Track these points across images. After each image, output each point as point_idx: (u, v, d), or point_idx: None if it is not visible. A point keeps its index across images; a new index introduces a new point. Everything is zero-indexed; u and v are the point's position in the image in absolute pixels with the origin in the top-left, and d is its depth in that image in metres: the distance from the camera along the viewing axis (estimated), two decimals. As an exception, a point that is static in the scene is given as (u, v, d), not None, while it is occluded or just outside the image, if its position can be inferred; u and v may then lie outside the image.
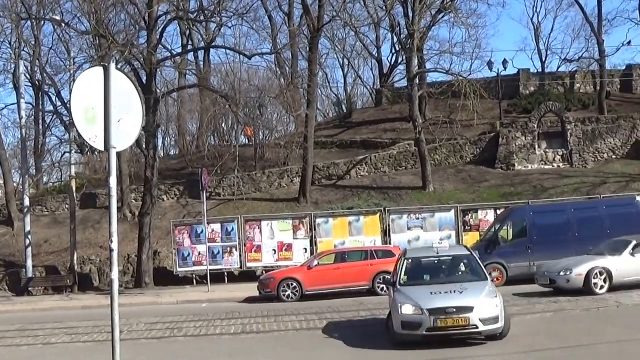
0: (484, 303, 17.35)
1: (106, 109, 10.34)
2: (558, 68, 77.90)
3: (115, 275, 10.37)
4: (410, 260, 20.38)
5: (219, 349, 20.23)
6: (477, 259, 20.35)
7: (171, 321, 26.17)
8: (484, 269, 19.88)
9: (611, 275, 26.37)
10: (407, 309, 17.69)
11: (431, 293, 18.05)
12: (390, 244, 40.56)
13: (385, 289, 29.68)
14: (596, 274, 26.25)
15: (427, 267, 20.41)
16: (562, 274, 26.73)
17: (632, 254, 27.19)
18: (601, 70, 66.34)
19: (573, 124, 55.77)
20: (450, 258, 20.58)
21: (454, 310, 17.17)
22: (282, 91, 54.24)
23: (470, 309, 17.17)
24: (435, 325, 17.22)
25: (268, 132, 66.99)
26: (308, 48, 55.81)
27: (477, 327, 17.17)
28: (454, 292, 17.98)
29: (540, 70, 77.37)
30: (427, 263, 20.58)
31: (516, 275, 32.88)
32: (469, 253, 20.61)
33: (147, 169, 43.57)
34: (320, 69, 71.23)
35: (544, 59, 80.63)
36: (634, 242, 27.77)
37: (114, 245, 10.39)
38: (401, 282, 19.33)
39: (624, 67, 73.54)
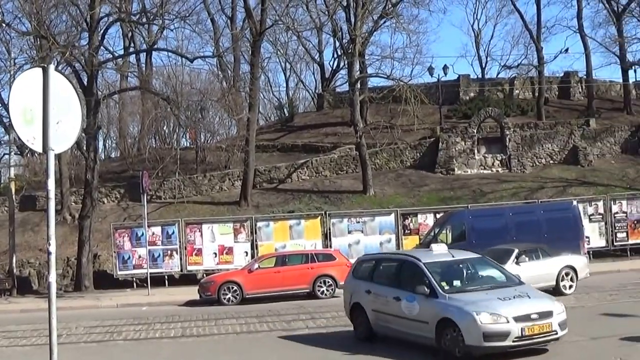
0: (557, 306, 16.71)
1: (45, 110, 10.29)
2: (498, 74, 78.91)
3: (52, 278, 10.34)
4: (432, 265, 18.21)
5: (158, 353, 20.22)
6: (493, 260, 20.29)
7: (111, 324, 26.09)
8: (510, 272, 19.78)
9: None
10: (486, 318, 15.99)
11: (499, 299, 16.70)
12: (330, 247, 40.72)
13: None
14: None
15: (454, 271, 18.60)
16: None
17: (517, 263, 27.48)
18: (540, 77, 67.24)
19: (512, 130, 56.46)
20: (470, 261, 19.17)
21: (537, 316, 16.20)
22: (223, 94, 54.15)
23: (550, 314, 16.40)
24: (523, 333, 16.01)
25: (209, 135, 66.88)
26: (250, 51, 55.82)
27: (556, 333, 16.41)
28: (520, 296, 16.91)
29: (480, 76, 78.18)
30: (452, 267, 18.77)
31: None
32: (479, 256, 19.87)
33: (87, 171, 43.21)
34: (262, 72, 71.39)
35: (484, 65, 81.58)
36: (516, 251, 28.13)
37: (52, 248, 10.36)
38: (443, 289, 17.26)
39: (562, 74, 74.61)
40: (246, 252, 42.15)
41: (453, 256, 19.16)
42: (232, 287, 33.05)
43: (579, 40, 68.30)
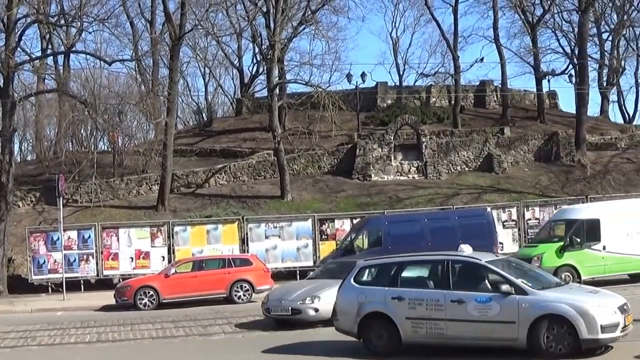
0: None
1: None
2: (415, 82, 79.60)
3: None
4: (496, 264, 17.91)
5: (73, 358, 20.18)
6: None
7: (25, 330, 25.89)
8: None
9: None
10: (600, 311, 16.11)
11: (587, 292, 17.34)
12: (247, 252, 40.89)
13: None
14: None
15: (515, 270, 18.07)
16: (308, 301, 23.72)
17: None
18: (456, 85, 68.16)
19: (428, 137, 57.19)
20: (512, 261, 19.48)
21: (627, 307, 16.71)
22: (142, 98, 53.91)
23: (628, 306, 16.85)
24: (625, 323, 16.32)
25: (127, 139, 66.36)
26: (169, 55, 55.64)
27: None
28: (594, 292, 17.60)
29: (397, 83, 78.85)
30: (510, 266, 18.41)
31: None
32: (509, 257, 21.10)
33: (2, 174, 42.66)
34: (181, 76, 71.12)
35: (401, 73, 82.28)
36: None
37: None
38: (528, 285, 16.95)
39: (478, 83, 75.64)
40: (163, 257, 42.08)
41: (497, 256, 19.90)
42: (149, 292, 32.98)
43: (495, 49, 69.49)
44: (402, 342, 17.72)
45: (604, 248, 32.43)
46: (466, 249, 18.98)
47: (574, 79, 70.08)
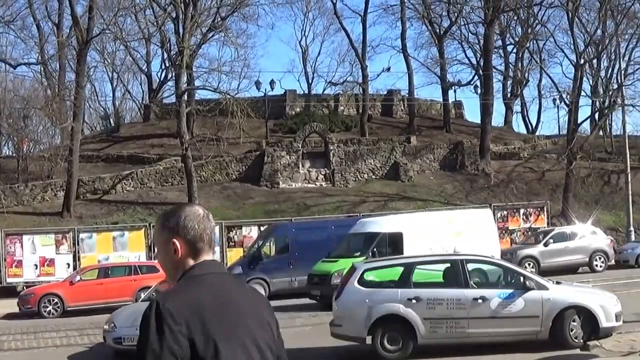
0: None
1: None
2: (323, 90, 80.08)
3: None
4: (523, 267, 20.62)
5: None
6: None
7: None
8: None
9: None
10: (613, 301, 18.11)
11: (588, 288, 20.07)
12: (154, 259, 40.67)
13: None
14: None
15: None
16: None
17: None
18: (364, 94, 68.94)
19: (336, 145, 57.70)
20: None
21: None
22: (48, 102, 53.34)
23: None
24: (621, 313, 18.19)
25: (32, 144, 65.45)
26: (76, 60, 55.08)
27: None
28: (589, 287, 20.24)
29: (306, 91, 79.19)
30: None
31: (278, 290, 33.76)
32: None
33: None
34: (88, 81, 70.44)
35: (310, 81, 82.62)
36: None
37: None
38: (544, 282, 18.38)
39: (385, 92, 76.58)
40: (68, 264, 41.54)
41: (492, 256, 21.67)
42: (53, 300, 32.63)
43: (403, 59, 70.43)
44: (418, 343, 17.55)
45: None
46: (458, 250, 20.13)
47: (479, 90, 71.46)
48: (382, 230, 30.53)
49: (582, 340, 17.37)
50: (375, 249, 29.78)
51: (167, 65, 70.12)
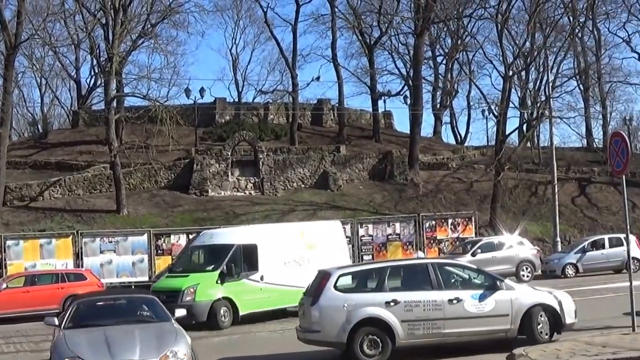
0: None
1: None
2: (254, 99, 79.88)
3: None
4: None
5: None
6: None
7: None
8: None
9: None
10: (571, 299, 19.69)
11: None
12: (82, 267, 40.28)
13: None
14: None
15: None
16: None
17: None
18: (294, 103, 69.01)
19: (265, 154, 57.65)
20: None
21: None
22: (-27, 108, 52.38)
23: None
24: None
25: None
26: (4, 65, 54.22)
27: None
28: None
29: (236, 100, 79.01)
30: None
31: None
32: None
33: None
34: (16, 87, 69.48)
35: (240, 89, 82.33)
36: None
37: None
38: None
39: (315, 101, 76.72)
40: (-6, 271, 40.96)
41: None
42: (-21, 307, 32.17)
43: (333, 69, 70.76)
44: (396, 345, 17.81)
45: (262, 278, 28.36)
46: (422, 255, 20.67)
47: (408, 100, 72.13)
48: (236, 242, 28.67)
49: (546, 337, 18.53)
50: (230, 263, 27.85)
51: (97, 71, 69.68)
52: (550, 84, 56.44)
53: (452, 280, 19.05)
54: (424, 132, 75.35)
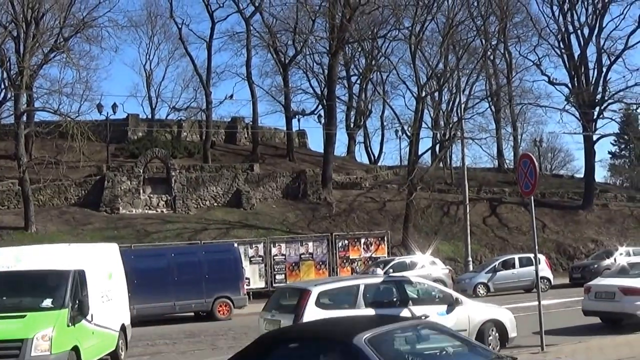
0: None
1: None
2: (167, 116, 79.18)
3: None
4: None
5: None
6: None
7: None
8: None
9: None
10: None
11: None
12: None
13: None
14: None
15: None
16: None
17: None
18: (207, 121, 68.65)
19: (178, 171, 57.17)
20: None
21: None
22: None
23: None
24: None
25: None
26: None
27: None
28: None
29: (149, 116, 78.26)
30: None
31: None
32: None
33: None
34: None
35: (154, 105, 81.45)
36: None
37: None
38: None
39: (229, 119, 76.43)
40: None
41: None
42: None
43: (247, 87, 70.51)
44: None
45: (92, 318, 20.20)
46: (379, 272, 21.06)
47: (322, 119, 72.20)
48: (69, 267, 19.51)
49: (496, 349, 19.15)
50: (73, 294, 19.08)
51: (6, 85, 67.99)
52: (463, 105, 57.11)
53: (420, 297, 19.91)
54: (337, 151, 75.58)
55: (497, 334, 20.05)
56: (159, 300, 34.13)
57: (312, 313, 18.28)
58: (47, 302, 18.70)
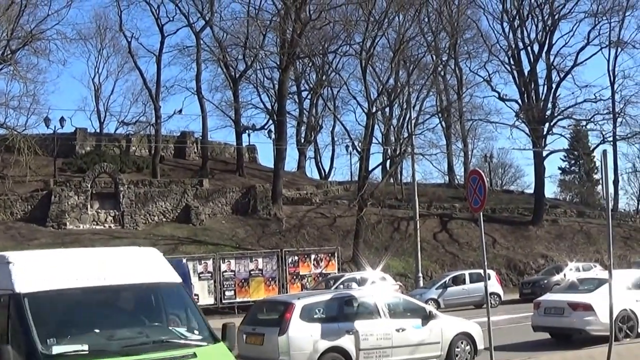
0: None
1: None
2: (116, 130, 78.67)
3: None
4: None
5: None
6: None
7: None
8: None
9: None
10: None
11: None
12: None
13: None
14: None
15: None
16: None
17: None
18: (156, 135, 68.06)
19: (126, 186, 56.53)
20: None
21: None
22: None
23: None
24: None
25: None
26: None
27: None
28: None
29: (98, 130, 77.67)
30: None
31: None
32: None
33: None
34: None
35: (102, 119, 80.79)
36: None
37: None
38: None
39: (178, 134, 75.89)
40: None
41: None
42: None
43: (197, 101, 70.04)
44: None
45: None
46: (355, 286, 22.51)
47: (273, 135, 71.96)
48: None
49: None
50: None
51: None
52: (413, 121, 57.17)
53: (396, 311, 20.53)
54: (288, 166, 75.34)
55: (467, 347, 20.86)
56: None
57: (298, 326, 18.88)
58: (185, 331, 12.35)
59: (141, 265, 12.58)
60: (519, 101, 66.31)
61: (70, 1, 61.29)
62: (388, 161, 65.50)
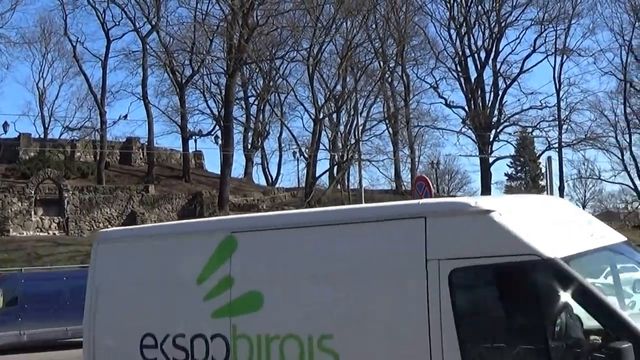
0: None
1: None
2: (60, 135, 77.95)
3: None
4: None
5: None
6: None
7: None
8: None
9: None
10: None
11: None
12: None
13: None
14: None
15: None
16: None
17: None
18: (102, 141, 67.51)
19: (71, 192, 55.96)
20: None
21: None
22: None
23: None
24: None
25: None
26: None
27: None
28: None
29: (42, 136, 76.76)
30: None
31: (5, 344, 31.76)
32: None
33: None
34: None
35: (47, 125, 79.89)
36: None
37: None
38: None
39: (124, 140, 75.31)
40: None
41: None
42: None
43: (143, 107, 69.50)
44: None
45: None
46: None
47: (219, 140, 71.56)
48: None
49: None
50: None
51: None
52: (360, 127, 57.43)
53: None
54: (234, 172, 75.06)
55: None
56: (51, 326, 32.94)
57: None
58: None
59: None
60: (466, 108, 66.81)
61: (15, 4, 60.52)
62: (335, 167, 65.59)
